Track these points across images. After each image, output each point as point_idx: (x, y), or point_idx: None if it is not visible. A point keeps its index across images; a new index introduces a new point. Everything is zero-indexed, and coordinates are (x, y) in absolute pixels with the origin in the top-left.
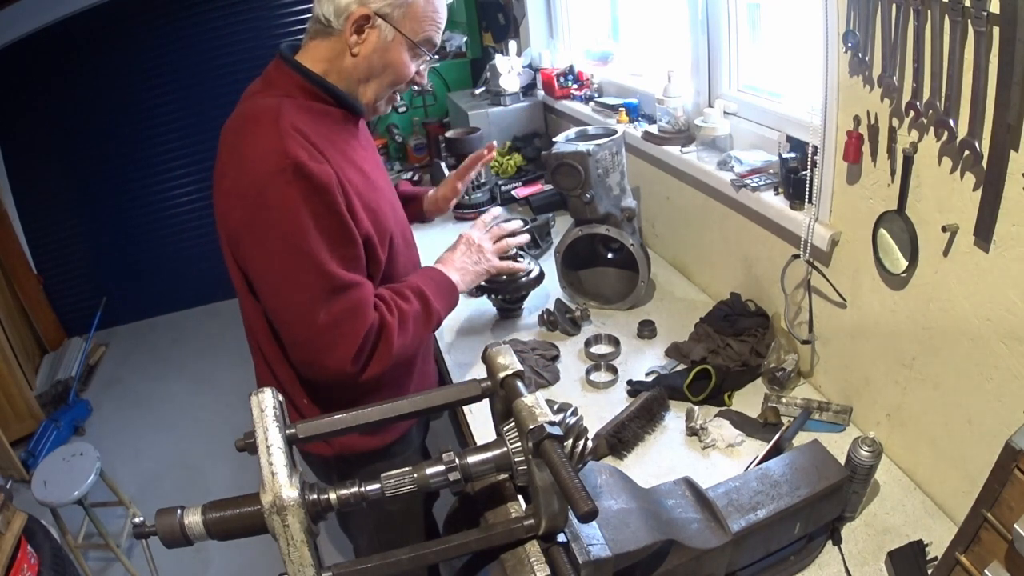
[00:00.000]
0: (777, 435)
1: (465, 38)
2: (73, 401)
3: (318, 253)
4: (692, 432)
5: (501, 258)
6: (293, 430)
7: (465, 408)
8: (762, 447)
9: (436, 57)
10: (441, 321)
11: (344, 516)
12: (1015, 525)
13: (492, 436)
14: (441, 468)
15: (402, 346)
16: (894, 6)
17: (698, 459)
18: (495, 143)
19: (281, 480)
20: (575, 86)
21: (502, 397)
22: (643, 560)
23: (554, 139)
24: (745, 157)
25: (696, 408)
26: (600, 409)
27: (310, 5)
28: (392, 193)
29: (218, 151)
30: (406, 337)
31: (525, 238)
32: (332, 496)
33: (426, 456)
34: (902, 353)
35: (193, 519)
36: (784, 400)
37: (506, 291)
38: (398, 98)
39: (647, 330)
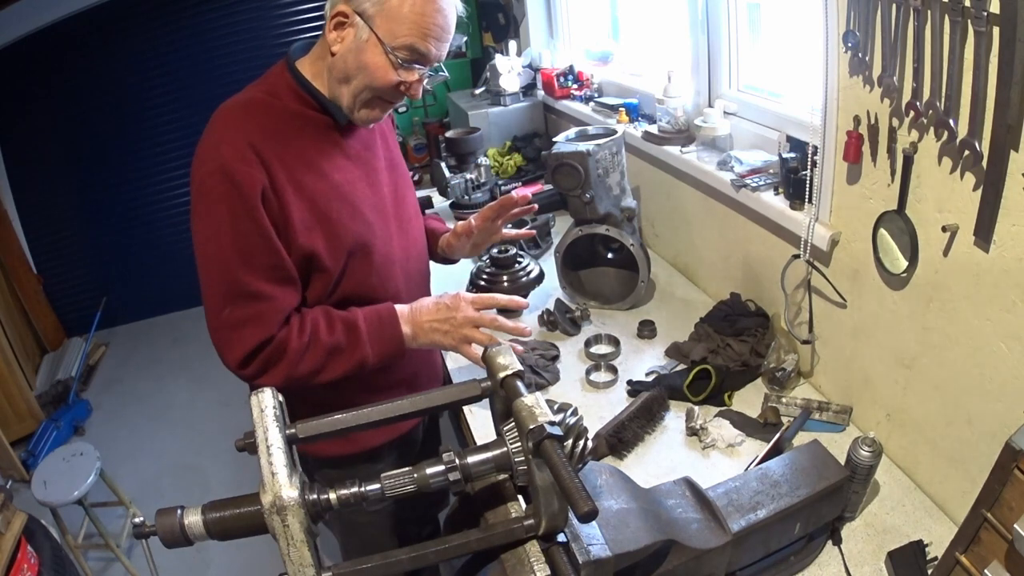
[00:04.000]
0: (777, 435)
1: (465, 38)
2: (73, 401)
3: (227, 257)
4: (692, 432)
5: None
6: (293, 430)
7: (465, 408)
8: (762, 447)
9: (431, 72)
10: (367, 364)
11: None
12: (1015, 525)
13: (492, 436)
14: (441, 468)
15: (304, 373)
16: (894, 6)
17: (698, 459)
18: (528, 194)
19: (281, 480)
20: (575, 86)
21: (502, 397)
22: (643, 560)
23: (554, 139)
24: (745, 157)
25: (696, 408)
26: (600, 409)
27: (310, 6)
28: (390, 204)
29: None
30: (310, 365)
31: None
32: (332, 496)
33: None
34: (902, 353)
35: (193, 519)
36: (784, 400)
37: (506, 292)
38: (390, 106)
39: (647, 330)
